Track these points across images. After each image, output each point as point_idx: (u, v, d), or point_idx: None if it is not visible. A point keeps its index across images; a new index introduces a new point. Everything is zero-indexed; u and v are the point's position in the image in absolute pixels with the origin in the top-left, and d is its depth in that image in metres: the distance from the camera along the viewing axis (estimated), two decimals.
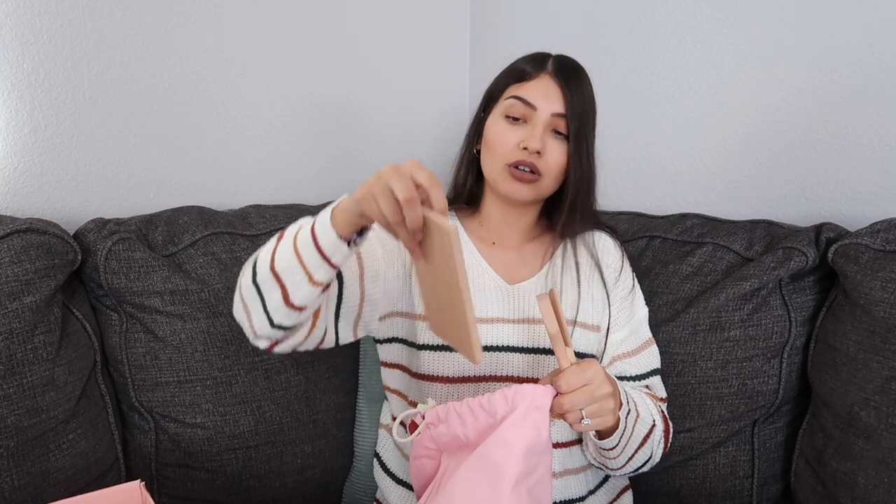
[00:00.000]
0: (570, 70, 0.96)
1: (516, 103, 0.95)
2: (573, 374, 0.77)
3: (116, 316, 1.06)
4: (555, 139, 0.95)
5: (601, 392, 0.78)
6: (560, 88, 0.94)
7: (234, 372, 1.07)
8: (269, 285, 0.80)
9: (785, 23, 1.19)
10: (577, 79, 0.96)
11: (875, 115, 1.12)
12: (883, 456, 0.93)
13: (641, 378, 1.01)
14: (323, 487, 1.18)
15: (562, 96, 0.94)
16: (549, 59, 0.98)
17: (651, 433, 0.93)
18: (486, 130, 1.00)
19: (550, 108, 0.94)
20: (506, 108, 0.97)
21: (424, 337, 0.97)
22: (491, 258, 1.03)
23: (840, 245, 1.04)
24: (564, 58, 0.99)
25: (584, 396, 0.77)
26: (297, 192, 1.43)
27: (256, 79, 1.34)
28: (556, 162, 0.95)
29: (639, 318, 1.04)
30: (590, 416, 0.78)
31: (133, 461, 1.08)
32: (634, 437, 0.90)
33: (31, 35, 1.07)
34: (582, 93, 0.96)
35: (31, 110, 1.09)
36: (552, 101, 0.94)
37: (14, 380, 0.90)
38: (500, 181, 0.97)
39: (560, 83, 0.94)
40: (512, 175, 0.96)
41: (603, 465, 0.96)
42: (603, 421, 0.80)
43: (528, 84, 0.96)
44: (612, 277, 1.03)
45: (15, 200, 1.09)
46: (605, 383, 0.79)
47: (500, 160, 0.96)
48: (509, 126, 0.96)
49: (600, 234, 1.07)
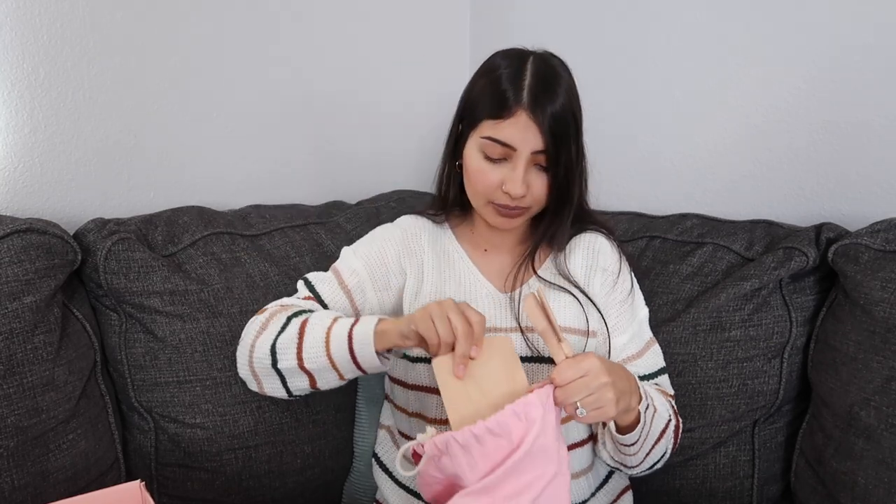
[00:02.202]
0: (547, 96, 0.88)
1: (494, 144, 0.90)
2: (568, 366, 0.77)
3: (116, 316, 1.06)
4: (537, 172, 0.92)
5: (597, 382, 0.77)
6: (538, 126, 0.88)
7: (233, 372, 1.07)
8: (296, 376, 0.90)
9: (785, 23, 1.19)
10: (554, 101, 0.88)
11: (875, 115, 1.12)
12: (883, 456, 0.93)
13: (651, 377, 1.01)
14: (323, 487, 1.18)
15: (540, 133, 0.88)
16: (524, 87, 0.89)
17: (667, 428, 0.93)
18: (466, 157, 0.96)
19: (529, 146, 0.89)
20: (482, 146, 0.91)
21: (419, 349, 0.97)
22: (483, 265, 1.03)
23: (840, 245, 1.04)
24: (541, 79, 0.90)
25: (580, 388, 0.76)
26: (297, 192, 1.43)
27: (256, 78, 1.34)
28: (541, 193, 0.93)
29: (640, 318, 1.04)
30: (586, 407, 0.77)
31: (133, 461, 1.08)
32: (653, 432, 0.90)
33: (31, 35, 1.07)
34: (561, 118, 0.89)
35: (31, 110, 1.08)
36: (530, 139, 0.89)
37: (14, 380, 0.90)
38: (485, 214, 0.97)
39: (537, 119, 0.88)
40: (497, 210, 0.95)
41: (621, 464, 0.95)
42: (603, 412, 0.78)
43: (504, 124, 0.89)
44: (610, 280, 1.02)
45: (15, 200, 1.09)
46: (601, 374, 0.77)
47: (481, 197, 0.95)
48: (489, 165, 0.92)
49: (596, 235, 1.05)
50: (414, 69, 1.60)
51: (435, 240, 1.05)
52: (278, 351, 0.90)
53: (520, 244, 1.04)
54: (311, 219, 1.27)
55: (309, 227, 1.25)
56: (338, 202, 1.39)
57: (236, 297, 1.10)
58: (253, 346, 0.94)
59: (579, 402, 0.76)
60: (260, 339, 0.94)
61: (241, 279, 1.11)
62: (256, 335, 0.95)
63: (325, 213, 1.31)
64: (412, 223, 1.07)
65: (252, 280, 1.12)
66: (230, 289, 1.10)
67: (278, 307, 0.99)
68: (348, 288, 1.01)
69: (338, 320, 0.90)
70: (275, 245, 1.19)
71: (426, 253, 1.03)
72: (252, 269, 1.13)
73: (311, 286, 1.03)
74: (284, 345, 0.90)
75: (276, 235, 1.20)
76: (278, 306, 0.99)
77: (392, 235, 1.05)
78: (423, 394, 0.99)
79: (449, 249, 1.04)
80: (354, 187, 1.49)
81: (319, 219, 1.28)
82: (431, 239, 1.05)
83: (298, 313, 0.94)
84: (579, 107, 0.94)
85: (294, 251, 1.20)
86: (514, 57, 0.93)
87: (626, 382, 0.83)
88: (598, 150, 1.01)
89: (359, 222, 1.32)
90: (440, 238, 1.05)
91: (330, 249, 1.24)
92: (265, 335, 0.94)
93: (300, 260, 1.19)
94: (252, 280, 1.12)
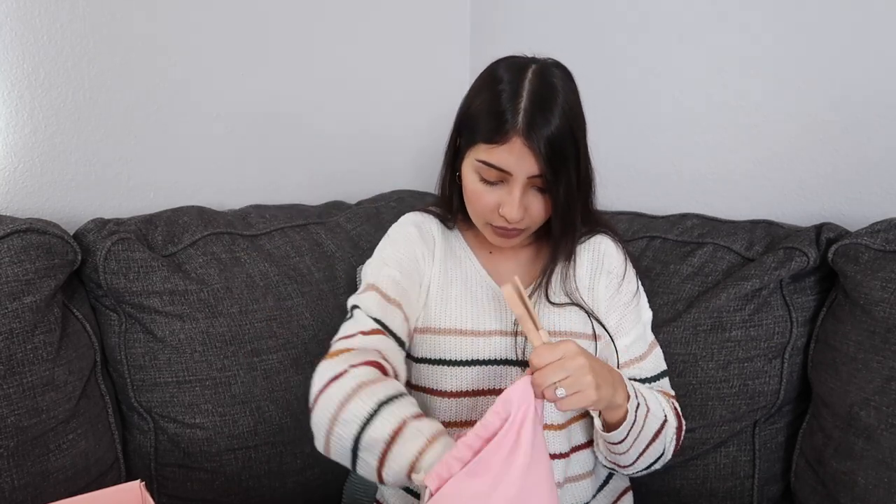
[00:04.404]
0: (543, 119, 0.85)
1: (489, 169, 0.88)
2: (544, 350, 0.77)
3: (116, 316, 1.06)
4: (535, 193, 0.91)
5: (573, 364, 0.76)
6: (533, 152, 0.85)
7: (233, 372, 1.07)
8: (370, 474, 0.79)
9: (785, 23, 1.19)
10: (550, 123, 0.85)
11: (875, 115, 1.12)
12: (883, 456, 0.93)
13: (652, 380, 1.00)
14: (323, 487, 1.18)
15: (535, 159, 0.86)
16: (519, 111, 0.85)
17: (663, 429, 0.92)
18: (463, 174, 0.95)
19: (525, 171, 0.87)
20: (478, 169, 0.90)
21: (422, 350, 0.97)
22: (489, 266, 1.02)
23: (840, 245, 1.04)
24: (537, 100, 0.86)
25: (556, 369, 0.76)
26: (297, 192, 1.43)
27: (257, 79, 1.34)
28: (540, 214, 0.93)
29: (644, 321, 1.03)
30: (565, 388, 0.76)
31: (133, 461, 1.08)
32: (645, 432, 0.89)
33: (31, 35, 1.07)
34: (558, 141, 0.86)
35: (31, 110, 1.08)
36: (526, 165, 0.86)
37: (14, 380, 0.90)
38: (485, 232, 0.97)
39: (532, 146, 0.85)
40: (495, 232, 0.95)
41: (615, 464, 0.95)
42: (584, 395, 0.77)
43: (499, 149, 0.86)
44: (615, 283, 1.01)
45: (15, 200, 1.09)
46: (578, 356, 0.77)
47: (479, 217, 0.95)
48: (485, 187, 0.91)
49: (601, 237, 1.04)
50: (414, 70, 1.60)
51: (444, 236, 1.05)
52: (361, 449, 0.79)
53: (526, 246, 1.04)
54: (311, 219, 1.27)
55: (309, 227, 1.25)
56: (338, 202, 1.39)
57: (236, 296, 1.10)
58: (335, 419, 0.81)
59: (558, 383, 0.76)
60: (344, 415, 0.81)
61: (240, 279, 1.11)
62: (340, 406, 0.82)
63: (325, 213, 1.31)
64: (422, 219, 1.06)
65: (252, 280, 1.12)
66: (230, 289, 1.10)
67: (361, 367, 0.85)
68: (397, 302, 0.96)
69: (434, 442, 0.76)
70: (275, 245, 1.19)
71: (437, 245, 1.03)
72: (252, 269, 1.13)
73: (379, 321, 0.93)
74: (368, 445, 0.78)
75: (276, 235, 1.20)
76: (362, 366, 0.85)
77: (411, 233, 1.03)
78: (426, 395, 0.99)
79: (455, 247, 1.04)
80: (354, 187, 1.49)
81: (319, 219, 1.28)
82: (441, 234, 1.05)
83: (389, 400, 0.80)
84: (580, 124, 0.91)
85: (294, 251, 1.20)
86: (514, 70, 0.90)
87: (609, 374, 0.83)
88: (598, 151, 1.01)
89: (359, 222, 1.32)
90: (448, 235, 1.06)
91: (330, 249, 1.24)
92: (349, 414, 0.81)
93: (300, 260, 1.19)
94: (252, 280, 1.12)
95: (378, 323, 0.93)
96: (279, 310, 1.13)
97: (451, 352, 0.96)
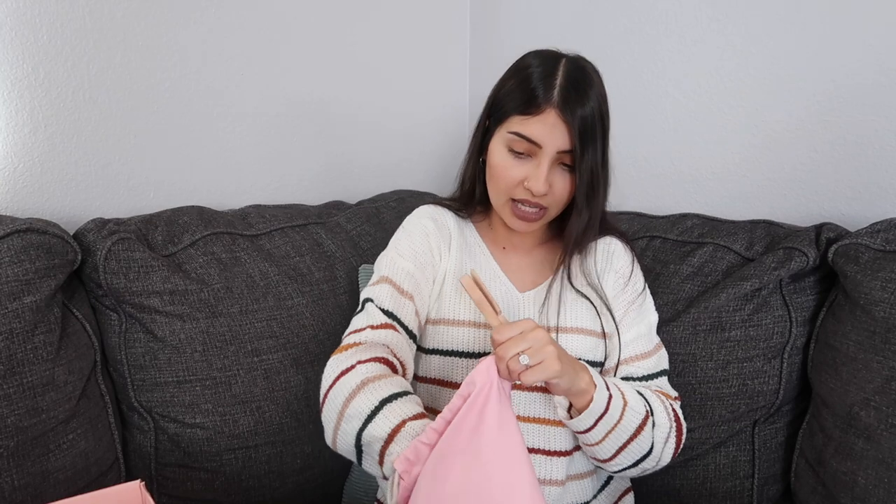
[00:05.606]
0: (577, 98, 0.88)
1: (520, 140, 0.90)
2: (504, 326, 0.79)
3: (116, 316, 1.06)
4: (561, 172, 0.92)
5: (533, 336, 0.78)
6: (566, 125, 0.88)
7: (233, 372, 1.07)
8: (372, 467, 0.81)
9: (785, 23, 1.19)
10: (585, 104, 0.88)
11: (875, 115, 1.12)
12: (883, 456, 0.93)
13: (649, 378, 1.00)
14: (323, 487, 1.18)
15: (567, 133, 0.88)
16: (555, 86, 0.89)
17: (645, 424, 0.91)
18: (490, 153, 0.96)
19: (556, 145, 0.89)
20: (508, 141, 0.92)
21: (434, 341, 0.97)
22: (503, 263, 1.03)
23: (840, 245, 1.04)
24: (572, 81, 0.90)
25: (517, 342, 0.77)
26: (297, 192, 1.43)
27: (256, 79, 1.34)
28: (563, 194, 0.94)
29: (649, 322, 1.03)
30: (528, 357, 0.77)
31: (133, 461, 1.08)
32: (623, 425, 0.89)
33: (31, 35, 1.07)
34: (590, 120, 0.89)
35: (31, 110, 1.09)
36: (557, 138, 0.89)
37: (14, 380, 0.90)
38: (504, 214, 0.97)
39: (566, 119, 0.88)
40: (515, 213, 0.95)
41: (594, 458, 0.94)
42: (546, 365, 0.78)
43: (532, 120, 0.89)
44: (621, 282, 1.02)
45: (15, 200, 1.09)
46: (537, 330, 0.78)
47: (503, 193, 0.95)
48: (513, 160, 0.92)
49: (611, 238, 1.06)
50: (414, 71, 1.60)
51: (460, 230, 1.05)
52: (364, 444, 0.81)
53: (538, 245, 1.05)
54: (311, 219, 1.27)
55: (309, 227, 1.25)
56: (338, 202, 1.39)
57: (236, 296, 1.10)
58: (342, 415, 0.83)
59: (521, 353, 0.77)
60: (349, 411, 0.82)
61: (240, 279, 1.11)
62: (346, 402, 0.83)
63: (325, 213, 1.31)
64: (438, 212, 1.06)
65: (252, 280, 1.12)
66: (230, 288, 1.10)
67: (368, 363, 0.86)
68: (410, 294, 0.97)
69: None
70: (275, 245, 1.19)
71: (454, 238, 1.03)
72: (252, 269, 1.13)
73: (391, 314, 0.95)
74: (369, 441, 0.80)
75: (276, 235, 1.20)
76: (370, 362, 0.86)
77: (427, 226, 1.03)
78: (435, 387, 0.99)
79: (471, 241, 1.04)
80: (354, 187, 1.50)
81: (319, 219, 1.28)
82: (456, 227, 1.05)
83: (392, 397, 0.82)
84: (608, 113, 0.94)
85: (294, 251, 1.20)
86: (546, 57, 0.93)
87: (569, 357, 0.84)
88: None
89: (359, 222, 1.32)
90: (463, 229, 1.06)
91: (330, 249, 1.24)
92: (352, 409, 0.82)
93: (300, 259, 1.19)
94: (252, 280, 1.12)
95: (390, 316, 0.94)
96: (279, 310, 1.13)
97: (466, 343, 0.96)
